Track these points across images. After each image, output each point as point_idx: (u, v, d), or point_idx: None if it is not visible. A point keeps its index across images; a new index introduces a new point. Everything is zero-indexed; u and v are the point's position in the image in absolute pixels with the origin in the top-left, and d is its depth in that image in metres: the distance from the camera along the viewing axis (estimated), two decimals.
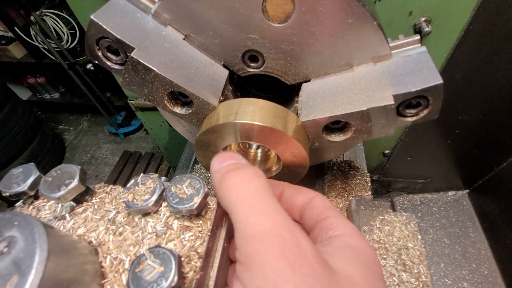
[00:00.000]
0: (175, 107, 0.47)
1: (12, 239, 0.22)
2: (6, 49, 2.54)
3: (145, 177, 0.36)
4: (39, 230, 0.22)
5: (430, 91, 0.39)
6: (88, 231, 0.34)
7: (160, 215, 0.35)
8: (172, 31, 0.45)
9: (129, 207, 0.34)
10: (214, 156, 0.36)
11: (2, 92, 2.28)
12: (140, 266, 0.27)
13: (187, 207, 0.32)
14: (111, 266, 0.31)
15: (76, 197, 0.35)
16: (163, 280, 0.26)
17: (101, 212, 0.36)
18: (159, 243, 0.33)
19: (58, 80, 3.05)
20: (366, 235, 0.65)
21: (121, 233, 0.34)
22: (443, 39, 0.84)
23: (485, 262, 1.26)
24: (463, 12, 0.77)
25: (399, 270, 0.60)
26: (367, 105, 0.41)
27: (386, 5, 0.77)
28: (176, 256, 0.27)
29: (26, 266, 0.20)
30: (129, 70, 0.42)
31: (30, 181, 0.35)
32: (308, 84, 0.49)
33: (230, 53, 0.47)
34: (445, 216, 1.41)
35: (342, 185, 0.79)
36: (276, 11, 0.40)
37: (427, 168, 1.36)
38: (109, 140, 3.15)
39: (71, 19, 2.35)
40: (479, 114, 1.04)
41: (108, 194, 0.38)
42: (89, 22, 0.39)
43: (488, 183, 1.31)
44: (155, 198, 0.34)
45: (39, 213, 0.36)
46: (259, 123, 0.42)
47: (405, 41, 0.44)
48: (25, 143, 2.43)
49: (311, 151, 0.48)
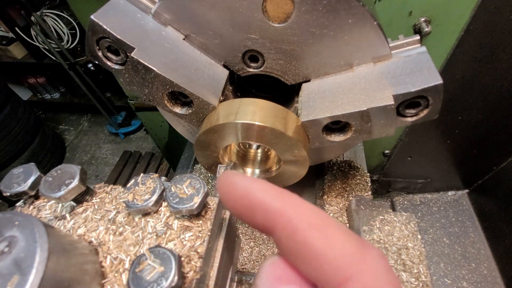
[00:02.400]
0: (175, 107, 0.47)
1: (13, 239, 0.22)
2: (7, 49, 2.54)
3: (145, 177, 0.36)
4: (39, 230, 0.22)
5: (430, 91, 0.39)
6: (88, 231, 0.34)
7: (160, 215, 0.35)
8: (172, 31, 0.45)
9: (129, 207, 0.34)
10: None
11: (3, 92, 2.28)
12: (140, 266, 0.27)
13: (187, 207, 0.32)
14: (111, 266, 0.31)
15: (77, 197, 0.35)
16: (163, 280, 0.26)
17: (101, 212, 0.36)
18: (159, 243, 0.33)
19: (58, 80, 3.05)
20: (366, 235, 0.66)
21: (121, 233, 0.34)
22: (443, 39, 0.84)
23: (485, 261, 1.26)
24: (463, 12, 0.77)
25: (399, 270, 0.60)
26: (367, 105, 0.41)
27: (386, 5, 0.77)
28: (176, 256, 0.27)
29: (26, 266, 0.20)
30: (129, 70, 0.42)
31: (30, 181, 0.35)
32: (308, 84, 0.49)
33: (230, 53, 0.47)
34: (445, 216, 1.41)
35: (342, 185, 0.79)
36: (276, 11, 0.40)
37: (427, 168, 1.36)
38: (109, 140, 3.15)
39: (71, 19, 2.35)
40: (479, 114, 1.04)
41: (108, 194, 0.39)
42: (90, 22, 0.39)
43: (487, 183, 1.31)
44: (155, 198, 0.34)
45: (39, 213, 0.36)
46: (259, 123, 0.42)
47: (405, 41, 0.44)
48: (26, 143, 2.43)
49: (311, 151, 0.48)
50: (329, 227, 0.20)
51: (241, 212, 0.23)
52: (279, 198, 0.21)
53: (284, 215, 0.20)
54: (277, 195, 0.21)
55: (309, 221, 0.20)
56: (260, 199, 0.21)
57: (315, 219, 0.20)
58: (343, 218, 0.74)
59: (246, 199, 0.22)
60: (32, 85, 3.04)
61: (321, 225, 0.20)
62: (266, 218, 0.21)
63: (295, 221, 0.20)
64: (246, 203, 0.22)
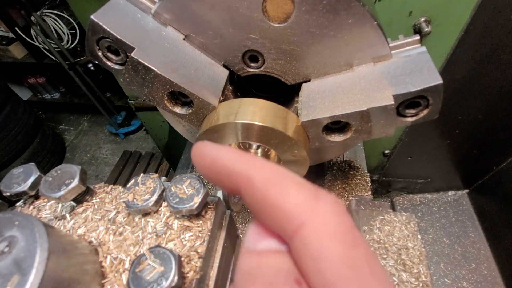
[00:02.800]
0: (175, 107, 0.47)
1: (13, 239, 0.22)
2: (7, 49, 2.55)
3: (145, 177, 0.36)
4: (39, 230, 0.22)
5: (430, 91, 0.39)
6: (88, 231, 0.34)
7: (160, 215, 0.35)
8: (172, 31, 0.45)
9: (129, 207, 0.34)
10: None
11: (3, 92, 2.28)
12: (140, 266, 0.27)
13: (187, 207, 0.33)
14: (111, 266, 0.31)
15: (77, 197, 0.35)
16: (163, 280, 0.26)
17: (101, 212, 0.36)
18: (159, 243, 0.33)
19: (58, 80, 3.05)
20: (366, 235, 0.66)
21: (121, 233, 0.34)
22: (443, 39, 0.84)
23: (485, 261, 1.26)
24: (462, 12, 0.77)
25: (399, 270, 0.60)
26: (367, 105, 0.41)
27: (386, 5, 0.77)
28: (176, 256, 0.27)
29: (27, 266, 0.20)
30: (129, 70, 0.42)
31: (30, 181, 0.35)
32: (308, 84, 0.49)
33: (230, 53, 0.47)
34: (445, 216, 1.41)
35: (342, 185, 0.79)
36: (276, 11, 0.40)
37: (427, 168, 1.36)
38: (109, 140, 3.15)
39: (71, 19, 2.35)
40: (479, 114, 1.04)
41: (108, 194, 0.39)
42: (90, 22, 0.39)
43: (487, 183, 1.31)
44: (155, 198, 0.34)
45: (39, 213, 0.36)
46: (259, 123, 0.42)
47: (405, 41, 0.44)
48: (26, 143, 2.43)
49: (311, 151, 0.48)
50: (283, 180, 0.22)
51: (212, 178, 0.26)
52: (242, 161, 0.24)
53: (245, 175, 0.23)
54: (239, 158, 0.24)
55: (266, 177, 0.22)
56: (224, 164, 0.24)
57: (271, 175, 0.22)
58: None
59: (214, 166, 0.25)
60: (32, 85, 3.04)
61: (276, 179, 0.22)
62: (232, 181, 0.24)
63: (254, 180, 0.22)
64: (214, 170, 0.25)
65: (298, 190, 0.21)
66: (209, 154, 0.25)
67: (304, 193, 0.21)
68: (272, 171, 0.22)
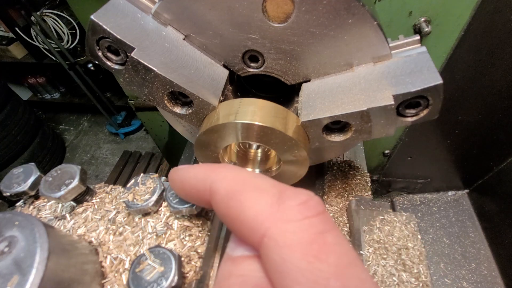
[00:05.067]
0: (175, 107, 0.47)
1: (13, 238, 0.22)
2: (7, 50, 2.55)
3: (145, 177, 0.36)
4: (39, 230, 0.22)
5: (430, 91, 0.39)
6: (88, 231, 0.34)
7: (160, 215, 0.35)
8: (172, 31, 0.45)
9: (129, 207, 0.34)
10: None
11: (3, 92, 2.28)
12: (140, 266, 0.27)
13: (187, 207, 0.33)
14: (111, 266, 0.31)
15: (77, 197, 0.35)
16: (163, 280, 0.26)
17: (101, 212, 0.36)
18: (159, 243, 0.33)
19: (58, 80, 3.06)
20: (366, 235, 0.66)
21: (121, 233, 0.34)
22: (443, 39, 0.84)
23: (485, 261, 1.26)
24: (462, 12, 0.77)
25: (399, 270, 0.60)
26: (367, 105, 0.41)
27: (386, 5, 0.77)
28: (176, 256, 0.27)
29: (27, 266, 0.20)
30: (129, 70, 0.42)
31: (30, 181, 0.35)
32: (308, 84, 0.49)
33: (230, 53, 0.47)
34: (445, 216, 1.41)
35: (342, 185, 0.79)
36: (276, 11, 0.40)
37: (427, 168, 1.36)
38: (109, 140, 3.15)
39: (71, 19, 2.35)
40: (479, 114, 1.04)
41: (108, 194, 0.39)
42: (90, 22, 0.39)
43: (487, 183, 1.31)
44: (155, 198, 0.34)
45: (39, 213, 0.36)
46: (259, 123, 0.42)
47: (405, 41, 0.44)
48: (26, 143, 2.43)
49: (311, 151, 0.48)
50: (244, 189, 0.21)
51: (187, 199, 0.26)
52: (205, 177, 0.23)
53: (209, 191, 0.22)
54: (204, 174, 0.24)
55: (226, 190, 0.21)
56: (191, 184, 0.24)
57: (232, 186, 0.21)
58: (343, 218, 0.74)
59: (184, 188, 0.26)
60: (32, 85, 3.04)
61: (236, 190, 0.21)
62: (201, 198, 0.24)
63: (215, 195, 0.22)
64: (185, 191, 0.26)
65: (258, 198, 0.20)
66: (179, 178, 0.26)
67: (266, 200, 0.20)
68: (233, 181, 0.21)
